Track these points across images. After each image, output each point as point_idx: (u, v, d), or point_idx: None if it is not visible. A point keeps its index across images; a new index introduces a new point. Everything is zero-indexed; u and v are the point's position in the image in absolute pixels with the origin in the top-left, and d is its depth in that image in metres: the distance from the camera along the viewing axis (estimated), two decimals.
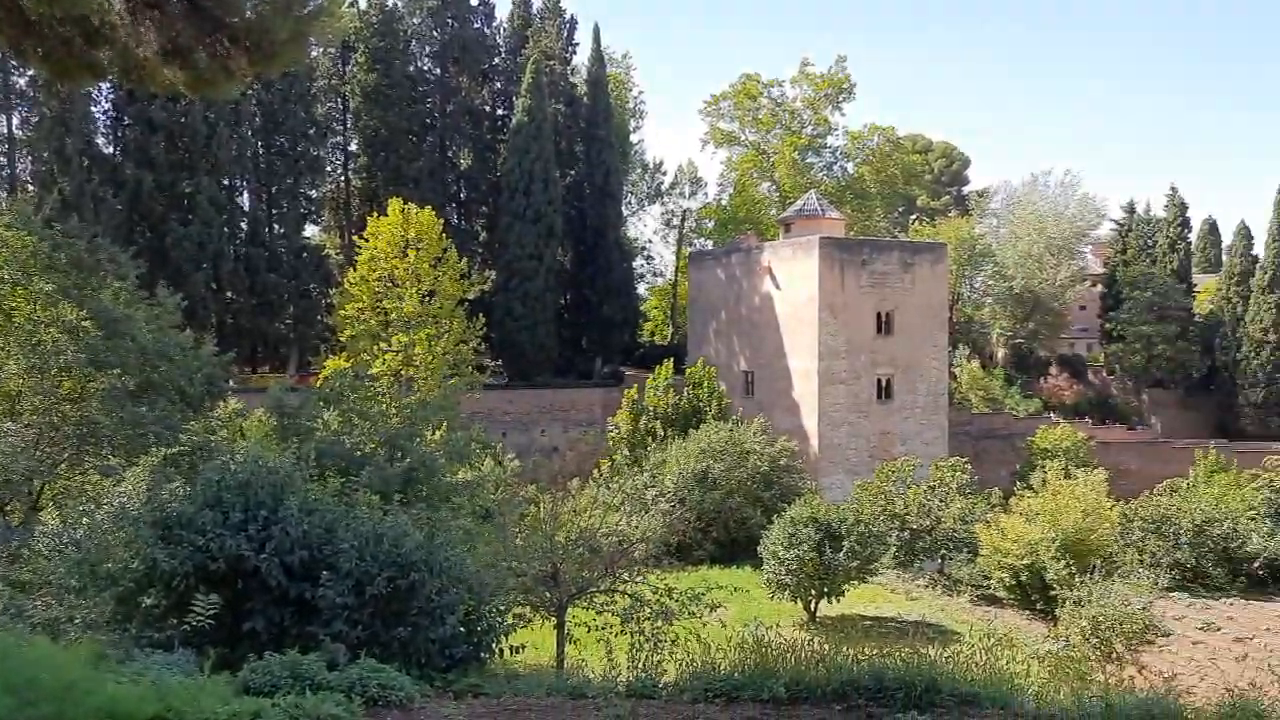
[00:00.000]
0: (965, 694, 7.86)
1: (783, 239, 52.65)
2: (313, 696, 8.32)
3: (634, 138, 70.28)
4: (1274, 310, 62.19)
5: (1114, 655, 22.74)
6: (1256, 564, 37.20)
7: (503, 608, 14.09)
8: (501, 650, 12.74)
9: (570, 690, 9.44)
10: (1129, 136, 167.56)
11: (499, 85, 61.46)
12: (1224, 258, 71.33)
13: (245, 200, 52.65)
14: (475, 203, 62.52)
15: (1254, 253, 65.82)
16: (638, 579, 18.07)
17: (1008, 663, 9.34)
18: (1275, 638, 29.76)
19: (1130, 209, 70.25)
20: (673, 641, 15.24)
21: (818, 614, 29.73)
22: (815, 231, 49.83)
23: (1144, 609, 23.88)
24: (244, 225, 51.11)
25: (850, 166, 68.12)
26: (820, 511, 30.03)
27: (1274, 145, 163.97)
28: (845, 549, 28.61)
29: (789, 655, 9.15)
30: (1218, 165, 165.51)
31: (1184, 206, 68.10)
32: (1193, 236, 71.72)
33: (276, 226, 51.90)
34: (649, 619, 16.54)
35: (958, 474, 38.50)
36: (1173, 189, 68.72)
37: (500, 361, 54.45)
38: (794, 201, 57.86)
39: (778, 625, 17.63)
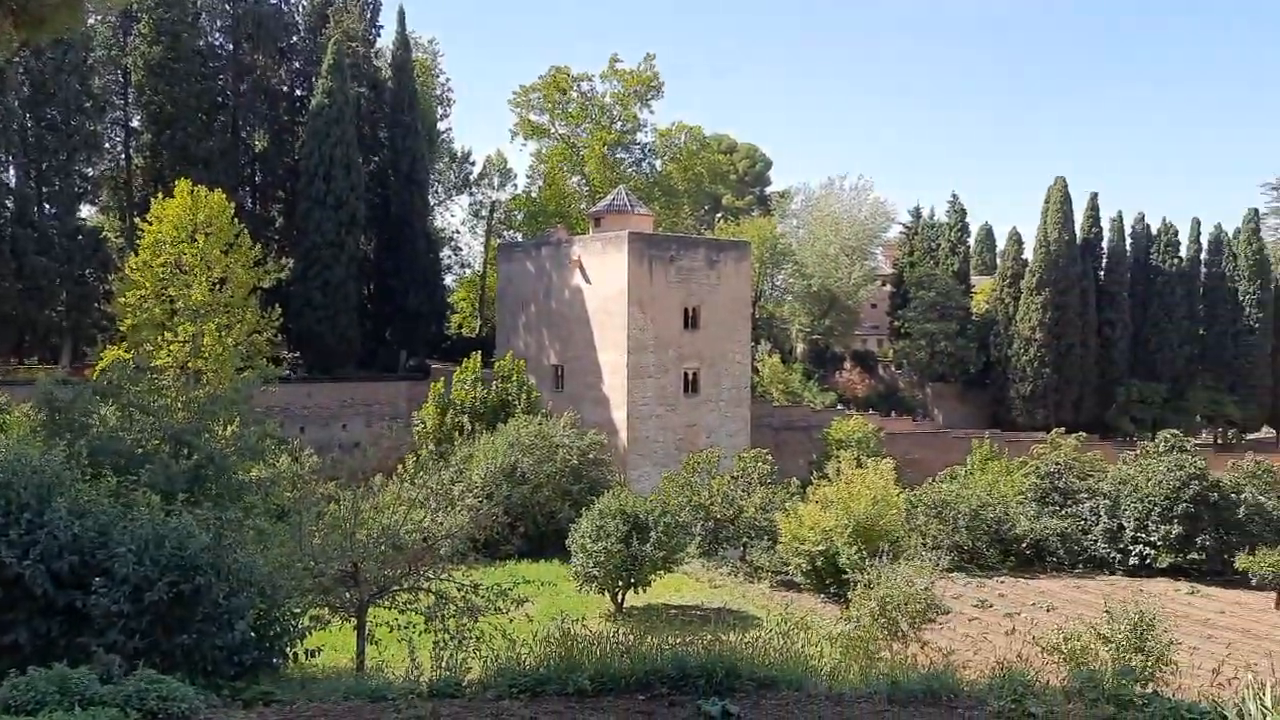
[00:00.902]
0: (763, 678, 8.07)
1: (593, 233, 52.94)
2: (83, 713, 7.68)
3: (441, 125, 68.91)
4: (1040, 310, 67.57)
5: (900, 633, 23.98)
6: (1024, 544, 40.42)
7: (298, 610, 13.51)
8: (296, 654, 12.19)
9: (370, 692, 9.10)
10: (915, 146, 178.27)
11: (297, 65, 58.81)
12: (998, 261, 76.89)
13: (10, 177, 48.12)
14: (271, 187, 59.63)
15: (1024, 257, 71.27)
16: (443, 576, 17.70)
17: (804, 645, 9.67)
18: (1040, 612, 32.36)
19: (916, 214, 74.75)
20: (478, 638, 15.06)
21: (624, 605, 30.04)
22: (625, 227, 50.39)
23: (926, 589, 25.30)
24: (9, 203, 46.70)
25: (659, 163, 69.26)
26: (628, 504, 30.33)
27: (1043, 157, 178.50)
28: (652, 540, 29.00)
29: (594, 647, 9.14)
30: (993, 175, 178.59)
31: (963, 213, 72.99)
32: (971, 241, 76.99)
33: (47, 206, 47.74)
34: (454, 616, 16.24)
35: (759, 464, 39.90)
36: (954, 196, 73.64)
37: (298, 354, 52.19)
38: (604, 196, 58.28)
39: (584, 618, 17.64)
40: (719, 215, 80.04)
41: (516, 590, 17.73)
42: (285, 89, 58.77)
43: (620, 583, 29.65)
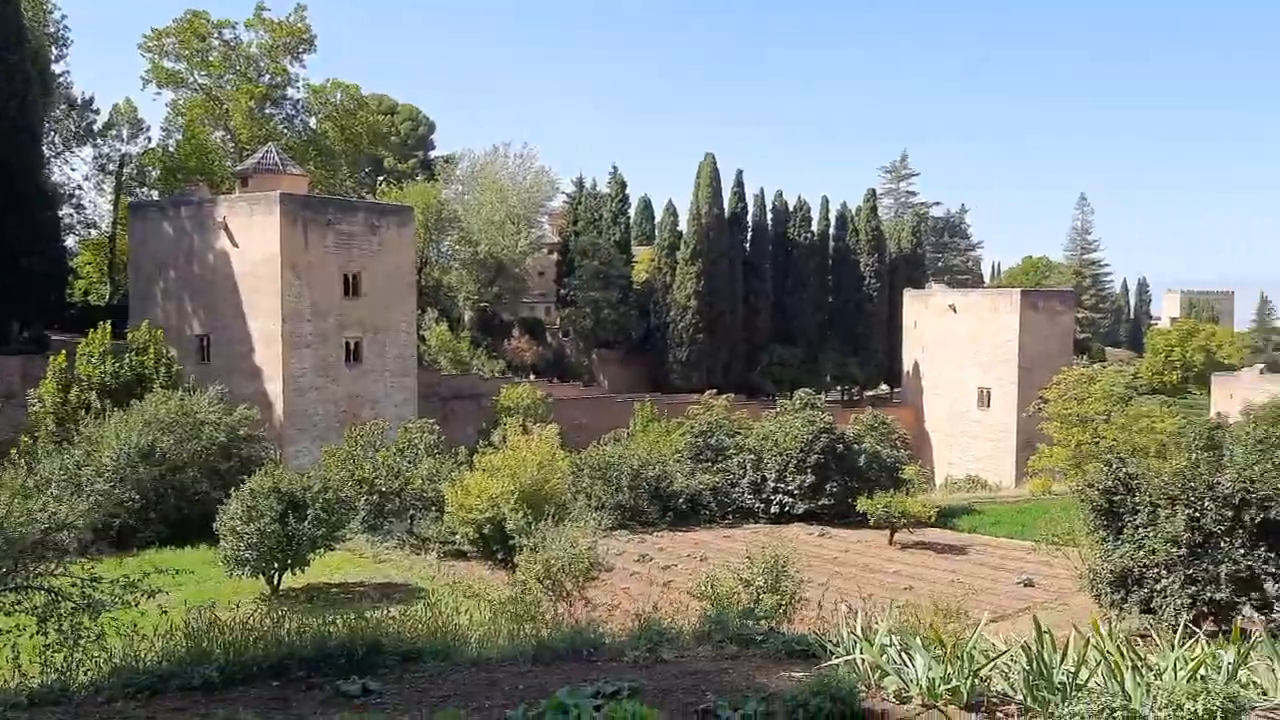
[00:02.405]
0: (408, 651, 7.82)
1: (240, 193, 49.37)
2: None
3: (57, 68, 60.99)
4: (695, 279, 71.72)
5: (565, 593, 24.57)
6: (681, 500, 42.80)
7: None
8: None
9: None
10: (577, 117, 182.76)
11: None
12: (656, 232, 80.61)
13: None
14: None
15: (679, 229, 75.23)
16: (57, 570, 15.75)
17: (453, 614, 9.48)
18: (694, 562, 34.42)
19: (579, 184, 76.58)
20: (99, 637, 13.55)
21: (281, 587, 28.51)
22: (276, 187, 47.46)
23: (590, 548, 26.07)
24: None
25: (313, 122, 65.65)
26: (284, 481, 28.73)
27: (695, 134, 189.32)
28: (310, 517, 27.71)
29: (225, 635, 8.44)
30: (651, 149, 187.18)
31: (623, 184, 75.76)
32: (632, 212, 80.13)
33: None
34: (70, 615, 14.50)
35: (426, 435, 39.27)
36: (614, 168, 76.47)
37: None
38: (252, 154, 54.49)
39: (215, 605, 16.36)
40: (380, 179, 77.51)
41: (149, 581, 16.15)
42: None
43: (276, 564, 28.09)
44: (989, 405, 71.25)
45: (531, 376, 65.62)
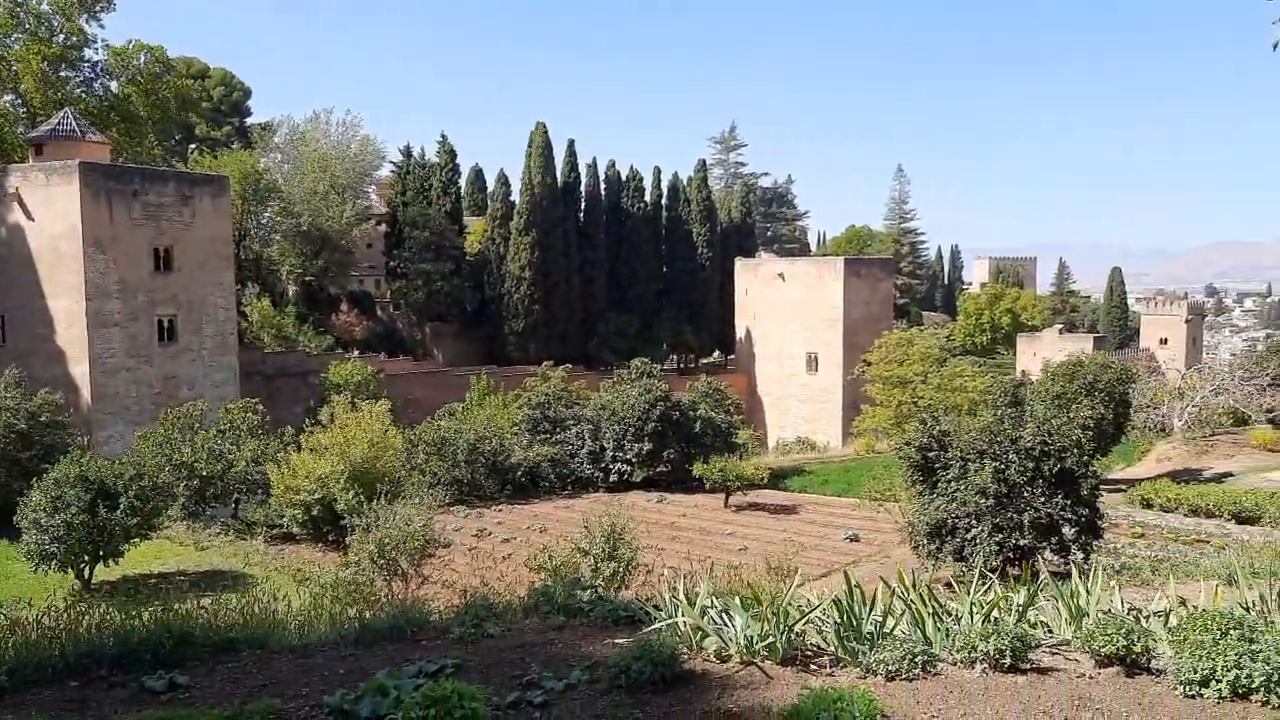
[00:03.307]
0: (221, 641, 7.46)
1: (34, 162, 45.71)
2: None
3: None
4: (529, 250, 71.16)
5: (401, 572, 24.09)
6: (519, 472, 42.64)
7: None
8: None
9: None
10: (404, 86, 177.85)
11: None
12: (489, 202, 79.43)
13: None
14: None
15: (512, 199, 74.35)
16: None
17: (277, 599, 9.11)
18: (534, 534, 34.38)
19: (407, 153, 74.53)
20: None
21: (93, 581, 26.88)
22: (75, 156, 44.24)
23: (425, 525, 25.62)
24: None
25: (114, 85, 61.19)
26: (91, 468, 27.00)
27: (525, 104, 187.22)
28: (123, 505, 26.19)
29: (16, 636, 7.85)
30: (481, 118, 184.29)
31: (453, 154, 74.15)
32: (463, 182, 78.61)
33: None
34: None
35: (248, 415, 37.70)
36: (443, 136, 74.48)
37: None
38: (46, 119, 50.48)
39: (14, 603, 15.27)
40: (192, 147, 73.25)
41: None
42: None
43: (87, 557, 26.44)
44: (816, 369, 73.94)
45: (367, 352, 63.79)
